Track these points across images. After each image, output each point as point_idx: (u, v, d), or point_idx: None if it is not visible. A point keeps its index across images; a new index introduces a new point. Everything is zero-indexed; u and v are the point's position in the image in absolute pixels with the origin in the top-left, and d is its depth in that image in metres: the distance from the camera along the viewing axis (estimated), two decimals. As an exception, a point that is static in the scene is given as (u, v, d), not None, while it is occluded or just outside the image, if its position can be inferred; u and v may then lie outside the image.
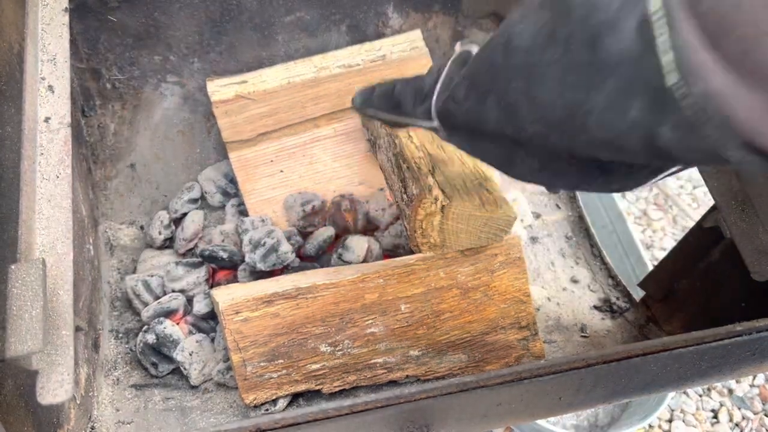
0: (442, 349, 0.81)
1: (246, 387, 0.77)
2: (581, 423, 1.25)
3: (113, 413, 0.80)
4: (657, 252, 1.53)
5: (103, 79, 0.96)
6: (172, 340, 0.83)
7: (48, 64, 0.62)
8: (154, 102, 0.99)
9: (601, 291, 1.01)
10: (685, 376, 0.64)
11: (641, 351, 0.57)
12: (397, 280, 0.79)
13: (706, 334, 0.59)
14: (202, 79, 0.99)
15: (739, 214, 0.75)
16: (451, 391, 0.53)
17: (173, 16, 0.94)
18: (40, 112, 0.59)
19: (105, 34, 0.92)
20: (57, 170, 0.55)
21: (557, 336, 0.93)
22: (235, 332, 0.75)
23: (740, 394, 1.35)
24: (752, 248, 0.73)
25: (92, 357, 0.80)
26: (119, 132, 0.98)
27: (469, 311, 0.81)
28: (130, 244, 0.95)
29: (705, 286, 0.87)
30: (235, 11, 0.96)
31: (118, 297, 0.91)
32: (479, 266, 0.81)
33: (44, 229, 0.52)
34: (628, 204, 1.62)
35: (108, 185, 0.98)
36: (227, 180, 0.98)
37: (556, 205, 1.09)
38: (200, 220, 0.93)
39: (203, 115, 1.01)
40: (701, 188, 1.64)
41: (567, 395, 0.61)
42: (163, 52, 0.96)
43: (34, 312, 0.43)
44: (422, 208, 0.74)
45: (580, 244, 1.06)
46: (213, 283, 0.90)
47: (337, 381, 0.79)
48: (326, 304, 0.77)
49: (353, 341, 0.79)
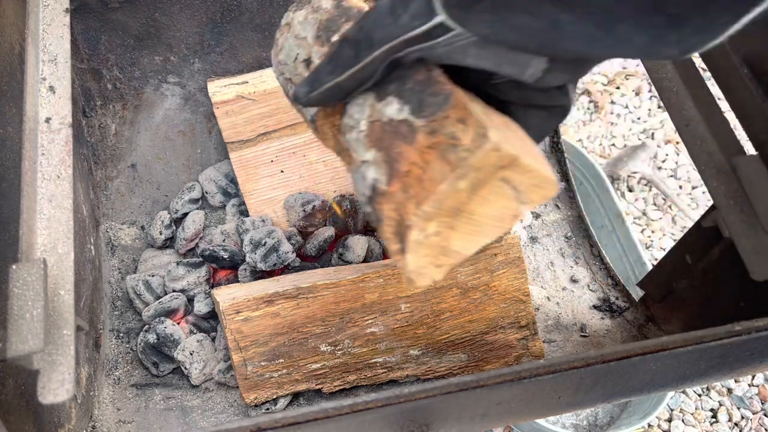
0: (441, 349, 0.82)
1: (246, 386, 0.77)
2: (580, 422, 1.25)
3: (114, 413, 0.80)
4: (656, 252, 1.53)
5: (104, 80, 0.96)
6: (172, 339, 0.83)
7: (49, 64, 0.63)
8: (155, 102, 0.99)
9: (601, 291, 1.01)
10: (684, 376, 0.64)
11: (640, 351, 0.57)
12: (397, 279, 0.79)
13: (705, 333, 0.59)
14: (203, 79, 0.99)
15: (738, 213, 0.75)
16: (451, 390, 0.53)
17: (174, 17, 0.94)
18: (41, 113, 0.59)
19: (106, 34, 0.92)
20: (58, 170, 0.56)
21: (557, 336, 0.93)
22: (235, 332, 0.75)
23: (739, 394, 1.35)
24: (751, 248, 0.73)
25: (93, 356, 0.80)
26: (120, 132, 0.99)
27: (469, 311, 0.82)
28: (131, 244, 0.96)
29: (704, 286, 0.87)
30: (236, 12, 0.96)
31: (119, 297, 0.91)
32: (479, 266, 0.81)
33: (45, 229, 0.52)
34: (627, 204, 1.62)
35: (109, 185, 0.98)
36: (228, 180, 0.98)
37: (556, 205, 1.09)
38: (201, 220, 0.93)
39: (204, 115, 1.01)
40: (700, 188, 1.64)
41: (566, 395, 0.61)
42: (163, 52, 0.96)
43: (35, 312, 0.43)
44: (422, 208, 0.74)
45: (580, 244, 1.06)
46: (213, 283, 0.90)
47: (338, 380, 0.80)
48: (326, 304, 0.77)
49: (353, 341, 0.79)
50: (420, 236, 0.48)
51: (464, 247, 0.51)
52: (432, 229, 0.48)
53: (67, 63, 0.63)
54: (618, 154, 1.68)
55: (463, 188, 0.47)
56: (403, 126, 0.49)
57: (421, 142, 0.48)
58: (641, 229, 1.59)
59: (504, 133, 0.48)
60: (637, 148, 1.65)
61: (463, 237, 0.50)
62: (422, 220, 0.47)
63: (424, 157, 0.48)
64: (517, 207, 0.50)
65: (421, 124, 0.48)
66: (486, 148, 0.44)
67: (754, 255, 0.73)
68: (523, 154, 0.47)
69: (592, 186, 1.45)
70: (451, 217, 0.49)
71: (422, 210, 0.47)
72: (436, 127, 0.48)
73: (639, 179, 1.65)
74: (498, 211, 0.50)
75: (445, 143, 0.47)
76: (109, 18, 0.91)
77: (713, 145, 0.79)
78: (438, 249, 0.50)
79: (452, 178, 0.46)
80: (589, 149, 1.72)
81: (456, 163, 0.46)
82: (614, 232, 1.41)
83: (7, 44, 0.69)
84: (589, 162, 1.44)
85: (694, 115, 0.81)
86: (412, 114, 0.49)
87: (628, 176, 1.64)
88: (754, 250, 0.73)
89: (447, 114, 0.47)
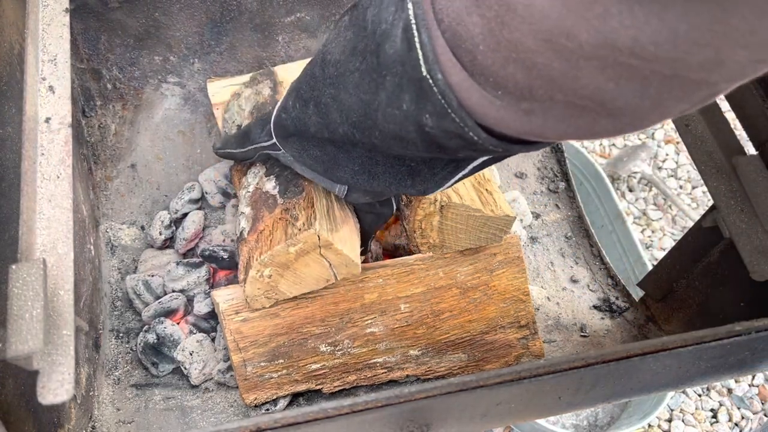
0: (441, 349, 0.82)
1: (246, 387, 0.77)
2: (581, 422, 1.25)
3: (114, 413, 0.80)
4: (656, 252, 1.53)
5: (104, 80, 0.96)
6: (172, 339, 0.83)
7: (49, 64, 0.62)
8: (154, 102, 0.99)
9: (601, 291, 1.01)
10: (684, 376, 0.64)
11: (640, 351, 0.57)
12: (397, 279, 0.79)
13: (705, 333, 0.59)
14: (203, 79, 0.99)
15: (738, 213, 0.75)
16: (451, 390, 0.53)
17: (174, 17, 0.94)
18: (41, 113, 0.59)
19: (106, 34, 0.92)
20: (58, 170, 0.56)
21: (557, 335, 0.93)
22: (235, 332, 0.75)
23: (739, 394, 1.35)
24: (751, 248, 0.73)
25: (93, 357, 0.80)
26: (120, 132, 0.99)
27: (469, 311, 0.82)
28: (130, 244, 0.95)
29: (704, 286, 0.87)
30: (236, 12, 0.96)
31: (118, 297, 0.91)
32: (478, 266, 0.81)
33: (45, 229, 0.52)
34: (627, 204, 1.62)
35: (109, 185, 0.98)
36: (227, 180, 0.98)
37: (556, 205, 1.09)
38: (201, 220, 0.93)
39: (204, 115, 1.01)
40: (700, 188, 1.64)
41: (566, 395, 0.61)
42: (163, 52, 0.96)
43: (34, 312, 0.43)
44: (421, 208, 0.75)
45: (580, 244, 1.06)
46: (213, 283, 0.90)
47: (337, 381, 0.80)
48: (326, 304, 0.77)
49: (353, 341, 0.79)
50: (256, 275, 0.69)
51: (289, 290, 0.72)
52: (267, 272, 0.69)
53: (67, 63, 0.63)
54: (618, 154, 1.68)
55: (292, 252, 0.68)
56: (271, 199, 0.72)
57: (276, 214, 0.70)
58: (641, 229, 1.59)
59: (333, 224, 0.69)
60: (637, 148, 1.65)
61: (289, 284, 0.71)
62: (261, 264, 0.68)
63: (275, 224, 0.70)
64: (330, 274, 0.72)
65: (281, 201, 0.71)
66: (311, 232, 0.66)
67: (754, 255, 0.73)
68: (340, 241, 0.69)
69: (592, 186, 1.45)
70: (282, 268, 0.69)
71: (261, 258, 0.68)
72: (289, 207, 0.70)
73: (639, 179, 1.65)
74: (315, 274, 0.71)
75: (289, 219, 0.69)
76: (109, 18, 0.91)
77: (713, 145, 0.79)
78: (269, 287, 0.71)
79: (285, 244, 0.67)
80: (589, 149, 1.72)
81: (290, 235, 0.67)
82: (614, 232, 1.41)
83: (7, 44, 0.69)
84: (589, 162, 1.44)
85: (694, 115, 0.81)
86: (279, 194, 0.72)
87: (628, 176, 1.64)
88: (754, 250, 0.73)
89: (299, 201, 0.70)
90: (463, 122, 0.42)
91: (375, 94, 0.47)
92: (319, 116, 0.54)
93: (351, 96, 0.49)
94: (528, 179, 1.11)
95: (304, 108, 0.56)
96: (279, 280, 0.71)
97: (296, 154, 0.63)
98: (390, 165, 0.55)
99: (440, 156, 0.50)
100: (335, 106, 0.52)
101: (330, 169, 0.60)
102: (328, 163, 0.59)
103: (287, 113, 0.60)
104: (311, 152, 0.60)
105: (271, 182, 0.74)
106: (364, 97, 0.48)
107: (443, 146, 0.46)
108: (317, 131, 0.56)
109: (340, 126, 0.52)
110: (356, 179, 0.59)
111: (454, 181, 0.55)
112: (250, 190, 0.76)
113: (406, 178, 0.56)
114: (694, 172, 1.66)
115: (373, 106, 0.47)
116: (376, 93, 0.46)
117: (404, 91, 0.44)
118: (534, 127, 0.41)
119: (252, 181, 0.77)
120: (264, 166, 0.77)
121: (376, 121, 0.48)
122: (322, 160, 0.60)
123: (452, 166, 0.53)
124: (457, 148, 0.46)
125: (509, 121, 0.41)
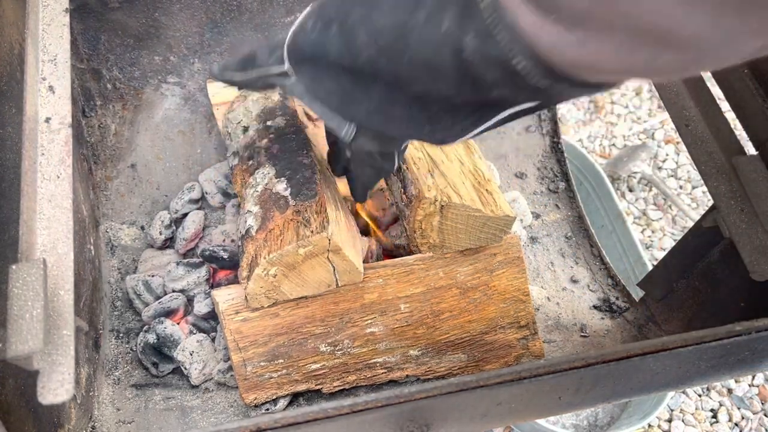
0: (441, 349, 0.82)
1: (246, 387, 0.77)
2: (581, 422, 1.25)
3: (114, 413, 0.80)
4: (656, 252, 1.53)
5: (104, 80, 0.96)
6: (172, 339, 0.83)
7: (49, 64, 0.62)
8: (154, 102, 0.99)
9: (601, 291, 1.01)
10: (684, 376, 0.64)
11: (640, 351, 0.57)
12: (397, 279, 0.79)
13: (705, 333, 0.59)
14: (203, 79, 0.99)
15: (738, 213, 0.75)
16: (450, 390, 0.53)
17: (174, 17, 0.94)
18: (41, 113, 0.59)
19: (106, 34, 0.92)
20: (58, 170, 0.56)
21: (557, 336, 0.93)
22: (235, 332, 0.75)
23: (739, 394, 1.35)
24: (751, 248, 0.73)
25: (93, 357, 0.80)
26: (120, 132, 0.99)
27: (469, 311, 0.82)
28: (130, 244, 0.95)
29: (704, 286, 0.87)
30: (236, 12, 0.96)
31: (118, 297, 0.91)
32: (478, 266, 0.81)
33: (45, 229, 0.52)
34: (627, 204, 1.62)
35: (109, 185, 0.98)
36: (227, 180, 0.98)
37: (556, 205, 1.09)
38: (201, 220, 0.93)
39: (204, 115, 1.01)
40: (700, 188, 1.64)
41: (566, 395, 0.61)
42: (163, 52, 0.96)
43: (34, 312, 0.43)
44: (421, 208, 0.75)
45: (580, 244, 1.06)
46: (213, 283, 0.90)
47: (337, 381, 0.80)
48: (326, 304, 0.77)
49: (353, 341, 0.79)
50: (262, 273, 0.70)
51: (290, 292, 0.73)
52: (273, 271, 0.70)
53: (67, 63, 0.63)
54: (618, 154, 1.68)
55: (301, 254, 0.69)
56: (282, 200, 0.74)
57: (288, 215, 0.72)
58: (641, 229, 1.59)
59: (341, 229, 0.71)
60: (637, 148, 1.65)
61: (291, 285, 0.72)
62: (268, 263, 0.69)
63: (286, 224, 0.71)
64: (332, 279, 0.73)
65: (293, 203, 0.73)
66: (323, 235, 0.68)
67: (754, 255, 0.73)
68: (348, 247, 0.71)
69: (592, 186, 1.45)
70: (288, 269, 0.70)
71: (270, 257, 0.68)
72: (301, 209, 0.72)
73: (639, 179, 1.65)
74: (319, 278, 0.72)
75: (301, 221, 0.70)
76: (109, 18, 0.91)
77: (713, 145, 0.79)
78: (272, 286, 0.72)
79: (296, 245, 0.68)
80: (589, 149, 1.72)
81: (302, 236, 0.69)
82: (614, 232, 1.41)
83: (7, 44, 0.69)
84: (589, 162, 1.44)
85: (694, 115, 0.81)
86: (291, 195, 0.74)
87: (628, 176, 1.64)
88: (755, 250, 0.73)
89: (311, 204, 0.72)
90: (510, 45, 0.39)
91: (412, 12, 0.43)
92: (342, 39, 0.49)
93: (384, 15, 0.45)
94: (528, 179, 1.11)
95: (325, 30, 0.51)
96: (283, 281, 0.71)
97: (309, 83, 0.57)
98: (409, 107, 0.51)
99: (469, 97, 0.47)
100: (364, 27, 0.47)
101: (343, 103, 0.55)
102: (341, 96, 0.55)
103: (305, 35, 0.54)
104: (324, 84, 0.55)
105: (282, 183, 0.75)
106: (399, 16, 0.44)
107: (478, 79, 0.43)
108: (337, 57, 0.51)
109: (366, 50, 0.48)
110: (371, 119, 0.54)
111: (475, 132, 0.51)
112: (258, 189, 0.77)
113: (424, 124, 0.52)
114: (694, 172, 1.66)
115: (408, 27, 0.44)
116: (414, 11, 0.43)
117: (446, 8, 0.41)
118: (589, 55, 0.37)
119: (261, 181, 0.77)
120: (273, 167, 0.77)
121: (408, 45, 0.44)
122: (336, 93, 0.55)
123: (477, 116, 0.50)
124: (493, 84, 0.43)
125: (563, 47, 0.37)
